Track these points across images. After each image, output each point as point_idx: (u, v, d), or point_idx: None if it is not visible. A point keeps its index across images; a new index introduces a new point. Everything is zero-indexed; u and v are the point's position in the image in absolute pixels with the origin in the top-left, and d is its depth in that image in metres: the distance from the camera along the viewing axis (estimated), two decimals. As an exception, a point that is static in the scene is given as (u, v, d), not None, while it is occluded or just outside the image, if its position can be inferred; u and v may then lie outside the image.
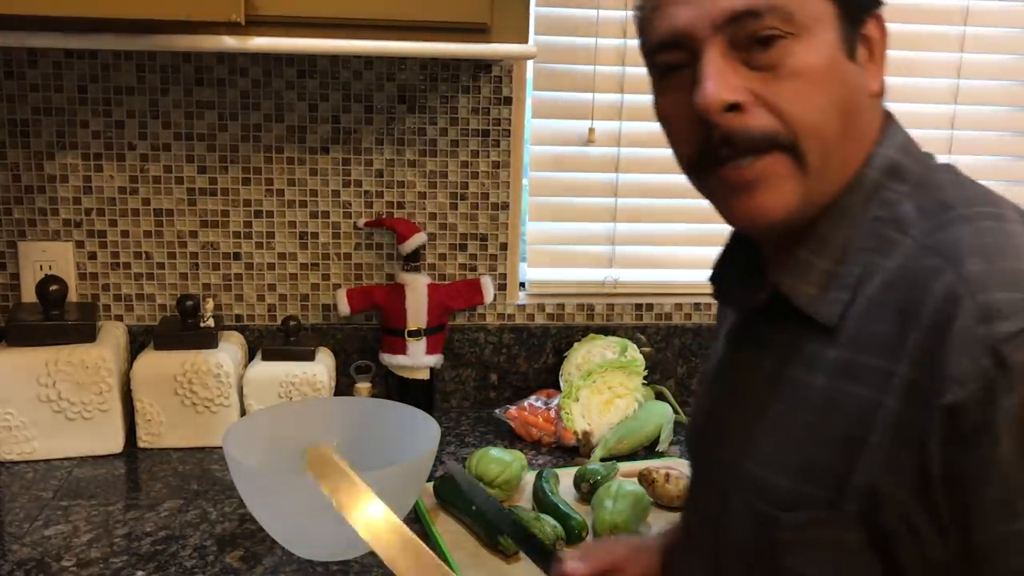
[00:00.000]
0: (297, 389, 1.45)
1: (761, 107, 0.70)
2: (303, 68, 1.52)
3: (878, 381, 0.66)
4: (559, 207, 1.66)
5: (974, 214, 0.68)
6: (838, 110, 0.71)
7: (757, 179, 0.71)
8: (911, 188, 0.73)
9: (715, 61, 0.70)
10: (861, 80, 0.73)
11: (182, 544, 1.16)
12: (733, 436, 0.79)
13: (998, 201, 0.70)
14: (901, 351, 0.65)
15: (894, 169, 0.73)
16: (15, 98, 1.47)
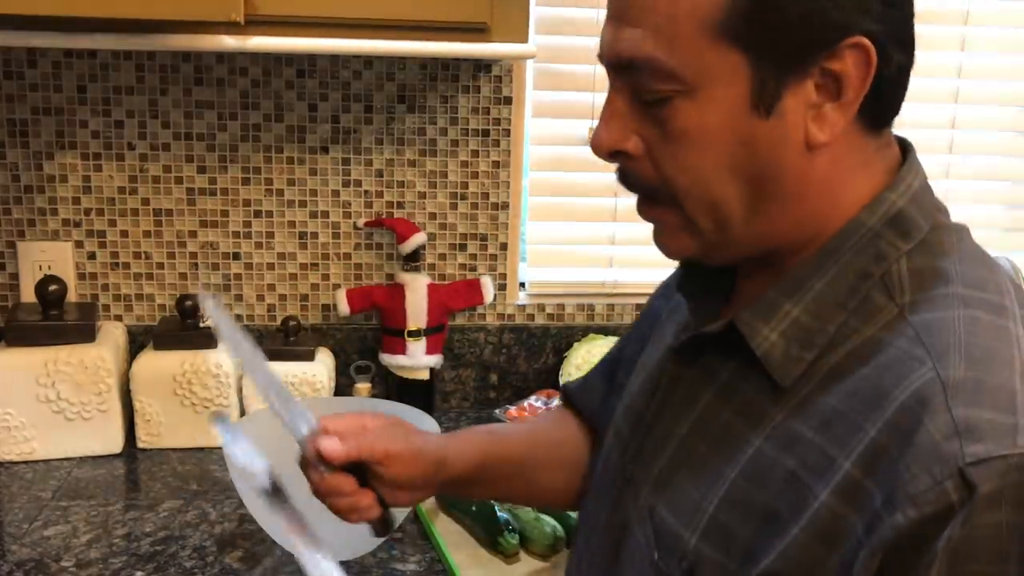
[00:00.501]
0: (297, 389, 1.45)
1: (648, 159, 0.67)
2: (302, 68, 1.51)
3: (818, 465, 0.59)
4: (559, 207, 1.65)
5: (974, 299, 0.61)
6: (730, 173, 0.63)
7: (652, 221, 0.71)
8: (913, 246, 0.64)
9: (614, 103, 0.67)
10: (780, 135, 0.62)
11: (182, 544, 1.16)
12: (652, 466, 0.72)
13: (1002, 286, 0.63)
14: (852, 441, 0.58)
15: (899, 221, 0.64)
16: (14, 98, 1.47)
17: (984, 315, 0.60)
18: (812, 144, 0.63)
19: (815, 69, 0.61)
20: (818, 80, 0.61)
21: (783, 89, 0.61)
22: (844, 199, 0.65)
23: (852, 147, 0.65)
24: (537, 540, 1.14)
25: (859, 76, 0.61)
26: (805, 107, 0.62)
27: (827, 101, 0.62)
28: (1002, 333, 0.59)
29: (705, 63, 0.61)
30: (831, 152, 0.64)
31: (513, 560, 1.14)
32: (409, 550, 1.16)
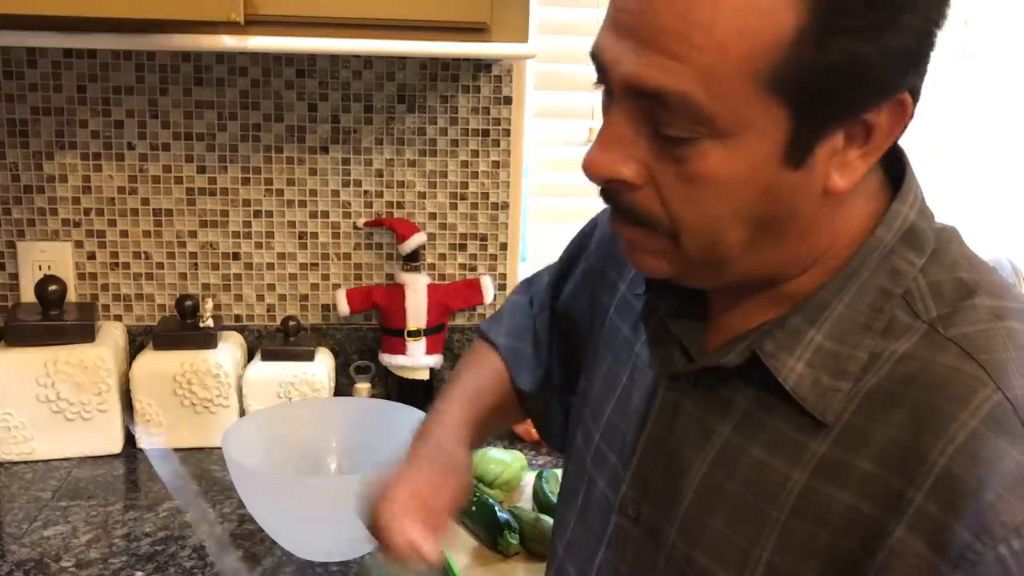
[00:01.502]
0: (296, 389, 1.45)
1: (653, 190, 0.61)
2: (302, 68, 1.51)
3: (885, 499, 0.56)
4: (559, 207, 1.65)
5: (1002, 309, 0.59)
6: (744, 219, 0.60)
7: (628, 240, 0.65)
8: (926, 259, 0.62)
9: (616, 126, 0.60)
10: (803, 184, 0.59)
11: (181, 544, 1.16)
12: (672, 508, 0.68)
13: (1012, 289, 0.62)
14: (921, 470, 0.55)
15: (911, 235, 0.62)
16: (14, 98, 1.47)
17: (1018, 325, 0.58)
18: (830, 191, 0.60)
19: (864, 123, 0.58)
20: (850, 129, 0.58)
21: (817, 142, 0.58)
22: (846, 222, 0.63)
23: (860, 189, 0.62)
24: (538, 540, 1.14)
25: (893, 127, 0.59)
26: (831, 154, 0.59)
27: (852, 148, 0.59)
28: None
29: (746, 112, 0.57)
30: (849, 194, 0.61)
31: (513, 560, 1.14)
32: (409, 550, 1.16)
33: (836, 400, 0.60)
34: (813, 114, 0.57)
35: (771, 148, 0.58)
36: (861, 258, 0.62)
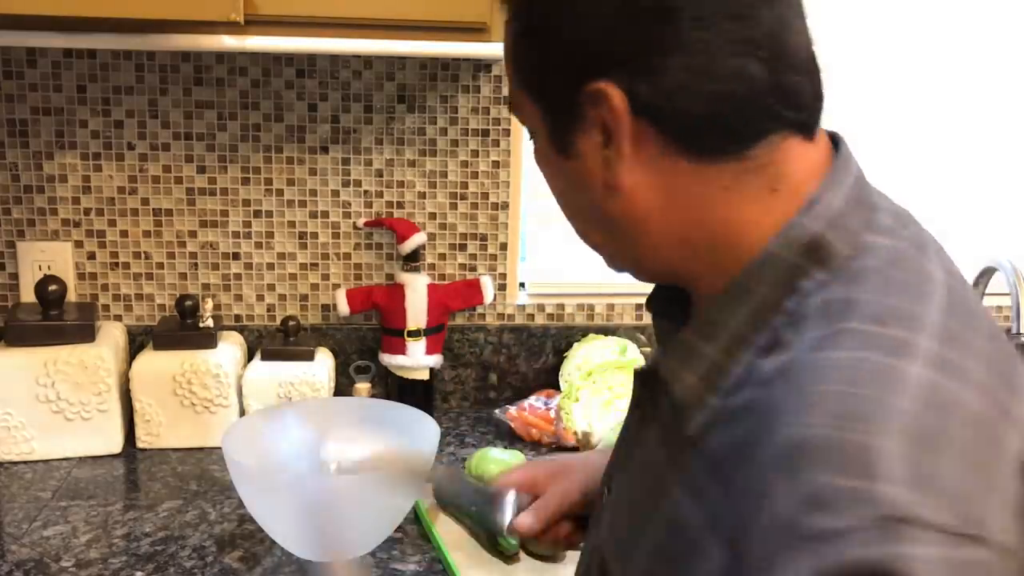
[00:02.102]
0: (296, 389, 1.45)
1: None
2: (302, 68, 1.51)
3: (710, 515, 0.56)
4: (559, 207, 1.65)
5: (871, 335, 0.53)
6: (568, 211, 0.70)
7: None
8: (833, 275, 0.58)
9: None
10: (587, 174, 0.63)
11: (181, 544, 1.16)
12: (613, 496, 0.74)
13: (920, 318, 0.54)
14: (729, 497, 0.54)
15: (814, 248, 0.59)
16: (14, 97, 1.47)
17: (874, 356, 0.52)
18: (609, 186, 0.62)
19: (588, 114, 0.61)
20: (595, 127, 0.61)
21: (571, 134, 0.62)
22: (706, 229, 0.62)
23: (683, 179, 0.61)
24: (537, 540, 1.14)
25: (615, 121, 0.59)
26: (596, 152, 0.62)
27: (608, 146, 0.61)
28: (887, 377, 0.51)
29: (522, 105, 0.66)
30: (646, 187, 0.61)
31: (513, 560, 1.14)
32: (409, 550, 1.16)
33: (700, 415, 0.60)
34: (548, 105, 0.64)
35: (546, 137, 0.65)
36: (751, 272, 0.60)
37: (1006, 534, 0.47)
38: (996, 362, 0.54)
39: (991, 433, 0.50)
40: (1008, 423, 0.51)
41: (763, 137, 0.60)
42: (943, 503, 0.46)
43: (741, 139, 0.60)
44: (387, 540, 1.17)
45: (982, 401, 0.51)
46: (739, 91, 0.58)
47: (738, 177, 0.60)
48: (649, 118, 0.59)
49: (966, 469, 0.48)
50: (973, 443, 0.49)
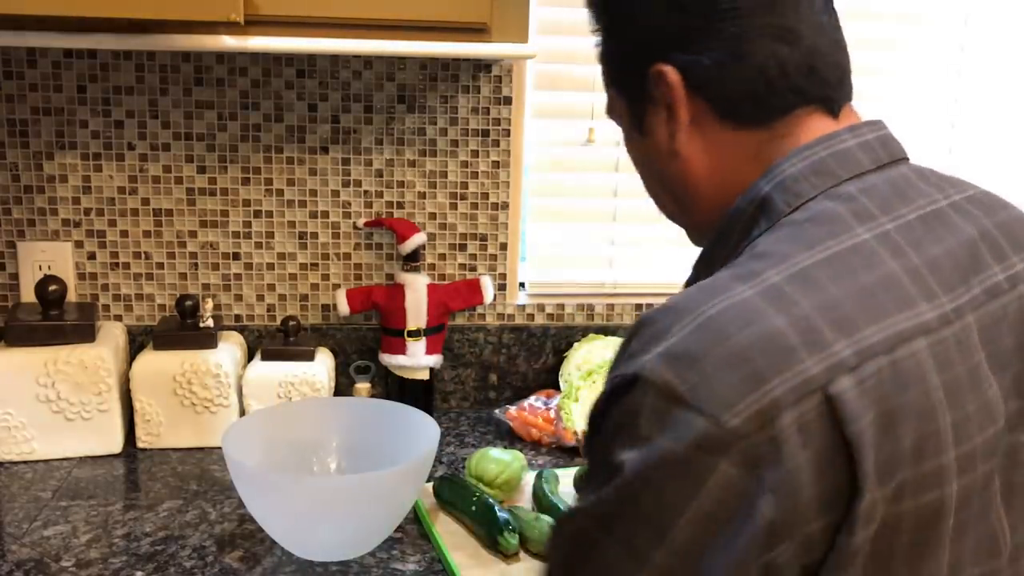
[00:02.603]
0: (296, 389, 1.45)
1: None
2: (302, 68, 1.51)
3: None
4: (559, 208, 1.66)
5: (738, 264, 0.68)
6: (650, 186, 0.86)
7: None
8: (769, 224, 0.71)
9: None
10: (657, 147, 0.79)
11: (181, 544, 1.16)
12: None
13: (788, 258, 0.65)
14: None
15: (764, 204, 0.72)
16: (14, 98, 1.47)
17: (727, 276, 0.66)
18: (672, 152, 0.78)
19: (656, 95, 0.77)
20: (661, 104, 0.77)
21: (645, 114, 0.79)
22: (733, 188, 0.76)
23: (725, 144, 0.76)
24: (537, 540, 1.14)
25: (673, 95, 0.75)
26: (663, 125, 0.77)
27: (672, 119, 0.76)
28: (717, 289, 0.64)
29: (612, 101, 0.85)
30: (698, 152, 0.77)
31: (513, 560, 1.14)
32: (409, 550, 1.16)
33: None
34: (627, 93, 0.81)
35: (629, 123, 0.83)
36: (725, 221, 0.76)
37: (736, 419, 0.58)
38: (845, 310, 0.62)
39: (780, 351, 0.60)
40: (811, 351, 0.60)
41: (790, 111, 0.74)
42: (684, 375, 0.60)
43: (772, 111, 0.74)
44: (387, 540, 1.17)
45: (789, 327, 0.61)
46: (771, 71, 0.72)
47: (763, 145, 0.74)
48: (700, 93, 0.74)
49: (727, 363, 0.60)
50: (752, 351, 0.60)
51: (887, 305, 0.63)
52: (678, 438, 0.59)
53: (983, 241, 0.71)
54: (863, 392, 0.59)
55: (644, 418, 0.61)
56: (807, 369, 0.59)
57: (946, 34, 1.68)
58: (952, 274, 0.67)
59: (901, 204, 0.70)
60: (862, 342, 0.61)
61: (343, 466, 1.27)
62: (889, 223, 0.68)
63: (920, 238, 0.68)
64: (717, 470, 0.58)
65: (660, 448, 0.60)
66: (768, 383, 0.59)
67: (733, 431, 0.58)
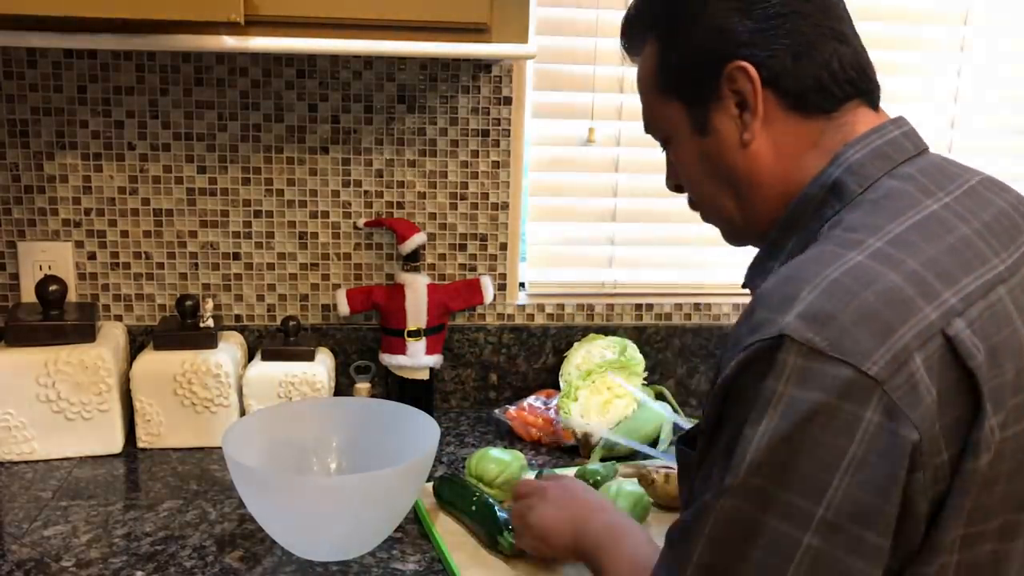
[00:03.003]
0: (296, 389, 1.45)
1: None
2: (303, 68, 1.51)
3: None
4: (559, 207, 1.66)
5: (838, 237, 0.74)
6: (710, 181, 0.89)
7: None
8: (845, 206, 0.79)
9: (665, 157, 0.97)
10: (722, 143, 0.86)
11: (181, 544, 1.16)
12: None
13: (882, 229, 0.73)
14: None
15: (836, 187, 0.80)
16: (14, 98, 1.47)
17: (832, 247, 0.72)
18: (745, 143, 0.84)
19: (725, 92, 0.84)
20: (732, 99, 0.84)
21: (709, 113, 0.86)
22: (797, 176, 0.83)
23: (790, 134, 0.84)
24: (537, 540, 1.14)
25: (752, 88, 0.82)
26: (732, 119, 0.85)
27: (744, 111, 0.84)
28: (829, 258, 0.71)
29: (664, 113, 0.90)
30: (766, 142, 0.84)
31: (513, 560, 1.14)
32: (409, 550, 1.16)
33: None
34: (691, 95, 0.87)
35: (686, 129, 0.88)
36: (794, 208, 0.83)
37: (876, 367, 0.65)
38: (944, 265, 0.70)
39: (902, 302, 0.67)
40: (927, 300, 0.68)
41: (848, 101, 0.83)
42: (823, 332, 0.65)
43: (834, 101, 0.83)
44: (387, 540, 1.17)
45: (904, 282, 0.68)
46: (834, 64, 0.82)
47: (823, 134, 0.83)
48: (772, 86, 0.83)
49: (859, 318, 0.66)
50: (879, 304, 0.67)
51: (971, 260, 0.72)
52: (826, 389, 0.64)
53: (1014, 211, 0.80)
54: (974, 332, 0.68)
55: (789, 379, 0.66)
56: (927, 316, 0.67)
57: (946, 33, 1.68)
58: (1004, 235, 0.77)
59: (947, 182, 0.79)
60: (964, 290, 0.69)
61: (343, 466, 1.27)
62: (946, 197, 0.77)
63: (971, 208, 0.77)
64: (864, 418, 0.64)
65: (809, 402, 0.65)
66: (897, 332, 0.66)
67: (875, 376, 0.64)
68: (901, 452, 0.64)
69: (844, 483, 0.64)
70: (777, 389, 0.66)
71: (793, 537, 0.65)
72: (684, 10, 0.86)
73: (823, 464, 0.64)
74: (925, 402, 0.65)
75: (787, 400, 0.65)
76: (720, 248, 1.64)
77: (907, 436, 0.64)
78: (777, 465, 0.65)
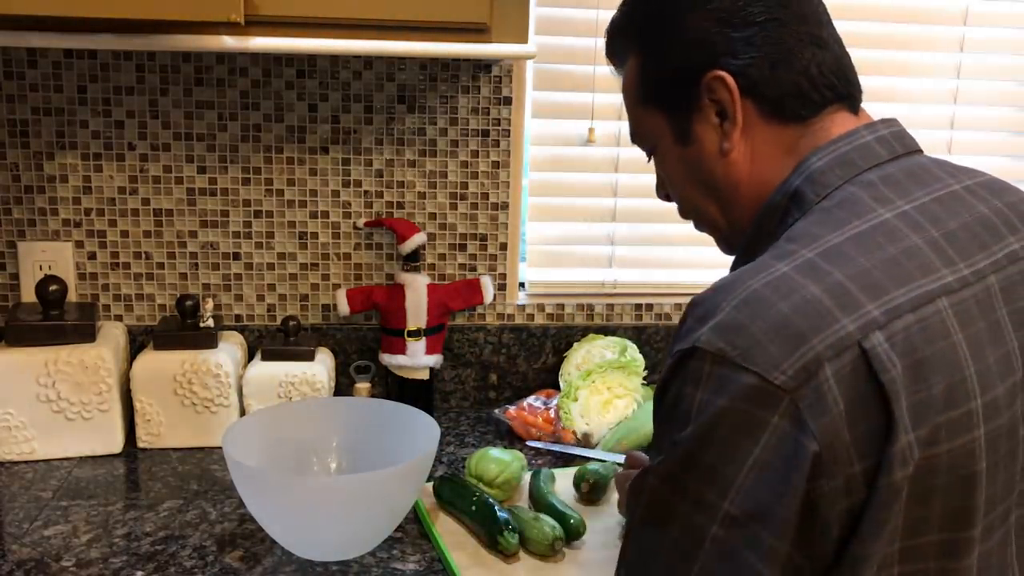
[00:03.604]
0: (296, 389, 1.45)
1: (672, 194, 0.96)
2: (303, 68, 1.51)
3: None
4: (559, 207, 1.66)
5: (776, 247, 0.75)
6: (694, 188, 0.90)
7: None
8: (802, 214, 0.79)
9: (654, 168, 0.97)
10: (703, 151, 0.86)
11: (181, 544, 1.16)
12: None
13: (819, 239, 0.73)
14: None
15: (796, 196, 0.81)
16: (15, 98, 1.47)
17: (766, 258, 0.73)
18: (725, 151, 0.85)
19: (705, 101, 0.84)
20: (712, 108, 0.84)
21: (690, 123, 0.86)
22: (771, 183, 0.84)
23: (769, 142, 0.84)
24: (537, 540, 1.14)
25: (731, 97, 0.83)
26: (712, 128, 0.85)
27: (724, 120, 0.84)
28: (758, 269, 0.72)
29: (648, 124, 0.91)
30: (745, 150, 0.84)
31: (513, 560, 1.14)
32: (409, 550, 1.16)
33: None
34: (673, 106, 0.88)
35: (668, 138, 0.89)
36: (764, 216, 0.84)
37: (784, 376, 0.65)
38: (874, 277, 0.70)
39: (818, 314, 0.67)
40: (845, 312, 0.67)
41: (825, 107, 0.83)
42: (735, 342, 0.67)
43: (812, 107, 0.83)
44: (387, 540, 1.17)
45: (824, 294, 0.68)
46: (812, 71, 0.82)
47: (799, 140, 0.83)
48: (750, 94, 0.83)
49: (772, 328, 0.67)
50: (793, 316, 0.67)
51: (911, 271, 0.71)
52: (733, 396, 0.66)
53: (997, 217, 0.78)
54: (893, 345, 0.67)
55: (702, 384, 0.68)
56: (843, 327, 0.66)
57: (945, 33, 1.68)
58: (970, 244, 0.75)
59: (916, 188, 0.78)
60: (890, 303, 0.68)
61: (343, 466, 1.27)
62: (906, 204, 0.76)
63: (937, 215, 0.76)
64: (770, 424, 0.65)
65: (718, 407, 0.67)
66: (809, 342, 0.66)
67: (782, 386, 0.65)
68: (802, 459, 0.65)
69: (748, 482, 0.66)
70: (694, 394, 0.69)
71: (701, 525, 0.68)
72: (663, 22, 0.87)
73: (729, 461, 0.67)
74: (832, 412, 0.65)
75: (701, 402, 0.68)
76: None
77: (808, 445, 0.65)
78: (693, 460, 0.69)
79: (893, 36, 1.66)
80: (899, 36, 1.67)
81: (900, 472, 0.65)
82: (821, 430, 0.65)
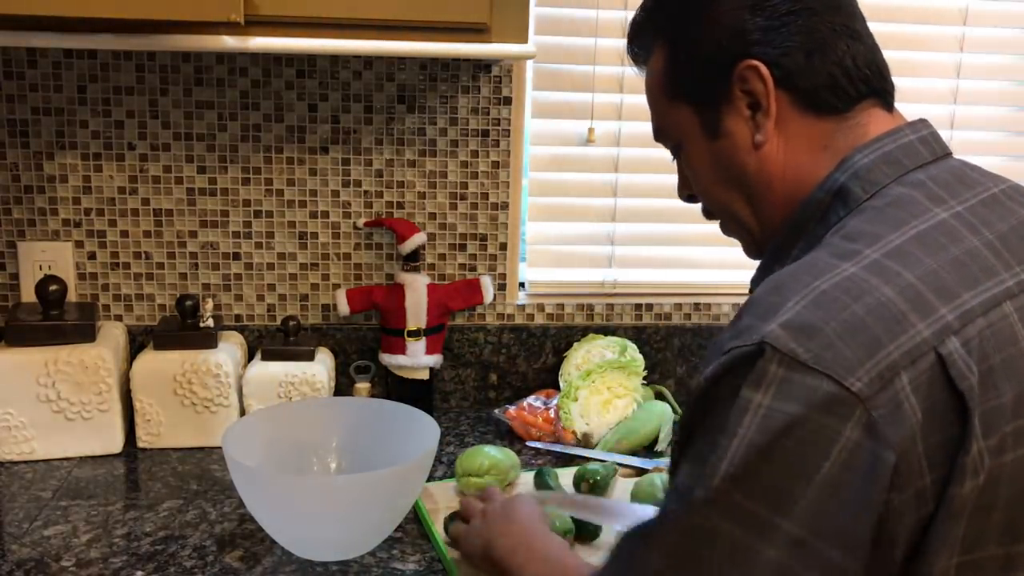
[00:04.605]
0: (296, 389, 1.45)
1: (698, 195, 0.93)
2: (302, 68, 1.51)
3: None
4: (558, 207, 1.66)
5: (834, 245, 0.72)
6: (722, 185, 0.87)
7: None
8: (850, 211, 0.77)
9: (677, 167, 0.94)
10: (734, 145, 0.84)
11: (181, 544, 1.16)
12: None
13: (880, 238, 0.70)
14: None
15: (842, 193, 0.78)
16: (15, 98, 1.47)
17: (825, 256, 0.71)
18: (757, 144, 0.82)
19: (736, 92, 0.82)
20: (744, 99, 0.82)
21: (720, 115, 0.84)
22: (807, 179, 0.81)
23: (803, 135, 0.81)
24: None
25: (764, 88, 0.80)
26: (744, 121, 0.83)
27: (756, 112, 0.82)
28: (821, 268, 0.69)
29: (674, 119, 0.88)
30: (779, 144, 0.82)
31: (513, 560, 1.13)
32: (409, 550, 1.16)
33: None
34: (702, 99, 0.85)
35: (697, 133, 0.86)
36: (801, 212, 0.81)
37: (860, 382, 0.62)
38: (943, 279, 0.68)
39: (892, 317, 0.65)
40: (920, 317, 0.65)
41: (862, 100, 0.81)
42: (807, 344, 0.63)
43: (848, 100, 0.81)
44: (387, 540, 1.17)
45: (897, 296, 0.66)
46: (847, 62, 0.80)
47: (835, 135, 0.81)
48: (785, 85, 0.80)
49: (846, 332, 0.64)
50: (868, 319, 0.64)
51: (976, 274, 0.69)
52: (805, 403, 0.62)
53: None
54: (969, 351, 0.65)
55: (764, 387, 0.63)
56: (919, 333, 0.64)
57: (945, 32, 1.68)
58: (1019, 247, 0.73)
59: (964, 190, 0.76)
60: (963, 306, 0.66)
61: (343, 466, 1.27)
62: (958, 205, 0.74)
63: (987, 218, 0.74)
64: (843, 436, 0.62)
65: (786, 414, 0.62)
66: (885, 348, 0.63)
67: (857, 393, 0.62)
68: (879, 473, 0.62)
69: (815, 498, 0.62)
70: (755, 399, 0.63)
71: (754, 549, 0.62)
72: (693, 11, 0.84)
73: (794, 477, 0.62)
74: (908, 423, 0.62)
75: (764, 411, 0.63)
76: (720, 248, 1.65)
77: (886, 458, 0.62)
78: (748, 477, 0.63)
79: (893, 36, 1.66)
80: (899, 36, 1.67)
81: (971, 483, 0.63)
82: (899, 441, 0.62)
